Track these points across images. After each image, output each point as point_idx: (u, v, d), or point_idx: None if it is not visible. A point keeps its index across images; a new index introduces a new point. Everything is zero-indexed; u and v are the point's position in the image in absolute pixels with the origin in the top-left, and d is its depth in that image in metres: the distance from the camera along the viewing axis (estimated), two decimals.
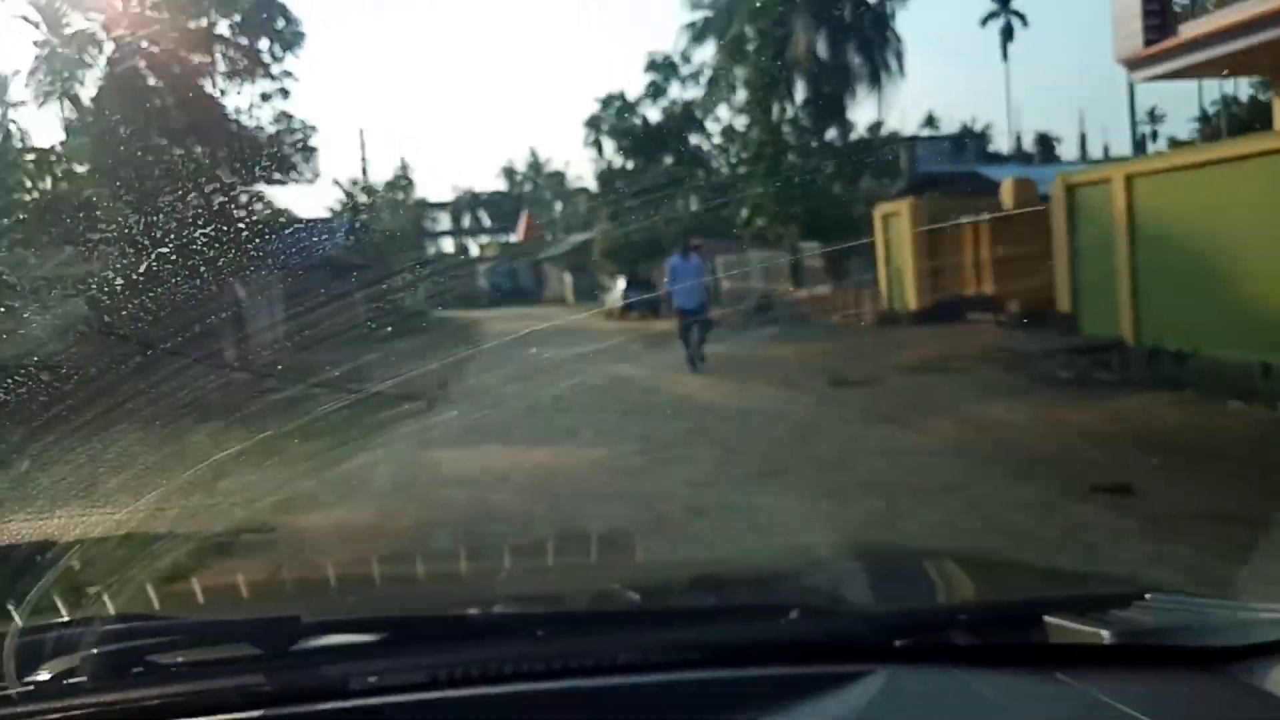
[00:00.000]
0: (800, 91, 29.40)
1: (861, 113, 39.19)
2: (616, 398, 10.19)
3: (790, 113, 29.04)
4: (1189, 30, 17.42)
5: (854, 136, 31.04)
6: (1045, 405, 8.45)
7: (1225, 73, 20.26)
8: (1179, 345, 10.60)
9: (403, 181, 61.52)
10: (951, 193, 22.74)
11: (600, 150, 43.54)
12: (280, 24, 32.81)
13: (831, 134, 30.58)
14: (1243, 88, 33.60)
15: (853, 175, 30.06)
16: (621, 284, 32.79)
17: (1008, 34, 40.97)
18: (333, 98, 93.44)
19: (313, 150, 37.16)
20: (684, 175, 36.85)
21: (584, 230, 50.00)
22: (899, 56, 28.86)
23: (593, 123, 42.62)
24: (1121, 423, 7.39)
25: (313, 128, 36.68)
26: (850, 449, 6.78)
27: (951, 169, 29.26)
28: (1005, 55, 44.64)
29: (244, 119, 34.31)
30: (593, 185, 47.98)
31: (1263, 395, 8.57)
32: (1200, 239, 10.68)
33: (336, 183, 43.52)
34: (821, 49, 28.91)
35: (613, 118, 40.78)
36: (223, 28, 31.84)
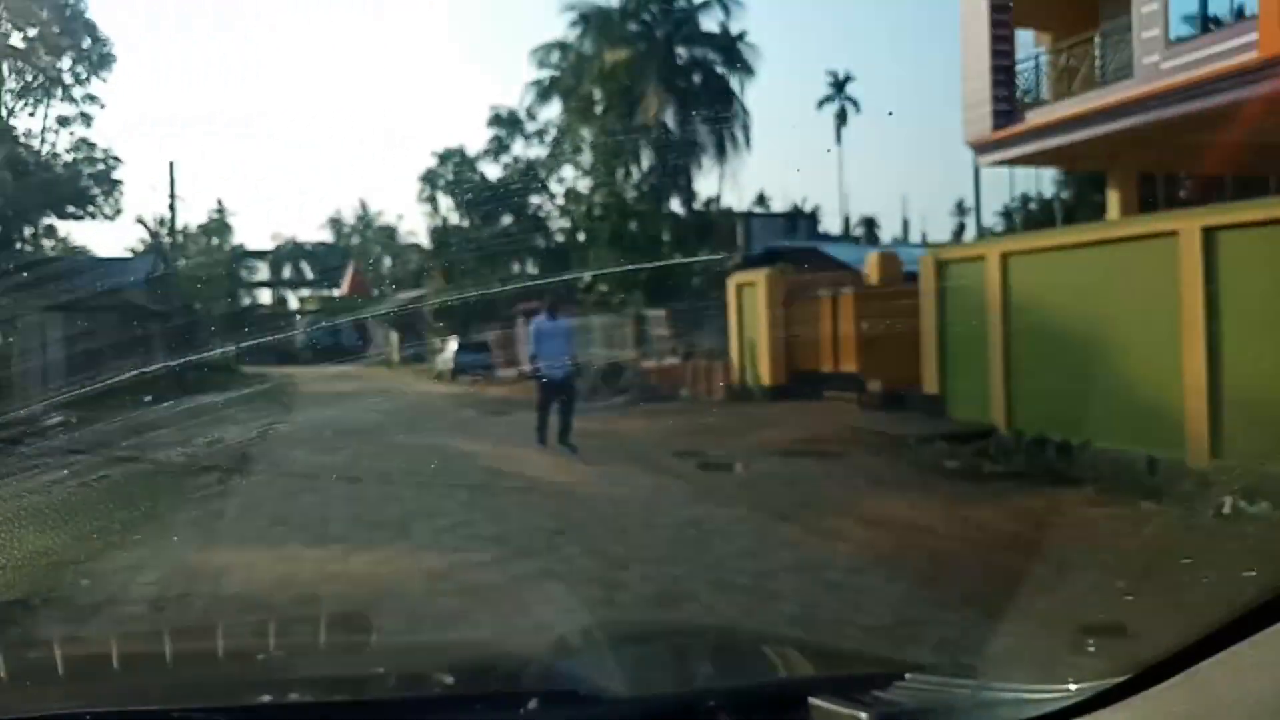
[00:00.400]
0: (646, 157, 28.89)
1: (705, 183, 39.63)
2: (457, 480, 8.64)
3: (636, 177, 28.42)
4: (1035, 118, 17.84)
5: (697, 206, 30.74)
6: (947, 502, 7.52)
7: (1058, 168, 21.02)
8: (1055, 434, 10.06)
9: (217, 225, 57.69)
10: (794, 267, 22.38)
11: (435, 206, 41.84)
12: (86, 43, 29.72)
13: (675, 202, 30.16)
14: (1046, 184, 35.51)
15: (695, 245, 29.67)
16: (453, 346, 31.06)
17: (841, 118, 42.37)
18: (145, 129, 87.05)
19: (115, 183, 33.79)
20: (523, 236, 35.67)
21: (414, 288, 47.90)
22: (745, 129, 28.86)
23: (429, 177, 40.96)
24: (1048, 529, 6.50)
25: (116, 159, 33.27)
26: (761, 564, 5.48)
27: (792, 244, 29.30)
28: (839, 139, 46.17)
29: (34, 143, 30.70)
30: (426, 241, 46.04)
31: (1167, 494, 7.95)
32: (1080, 323, 10.22)
33: (141, 221, 39.87)
34: (670, 117, 28.55)
35: (450, 173, 39.28)
36: (16, 40, 28.51)
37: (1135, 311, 9.65)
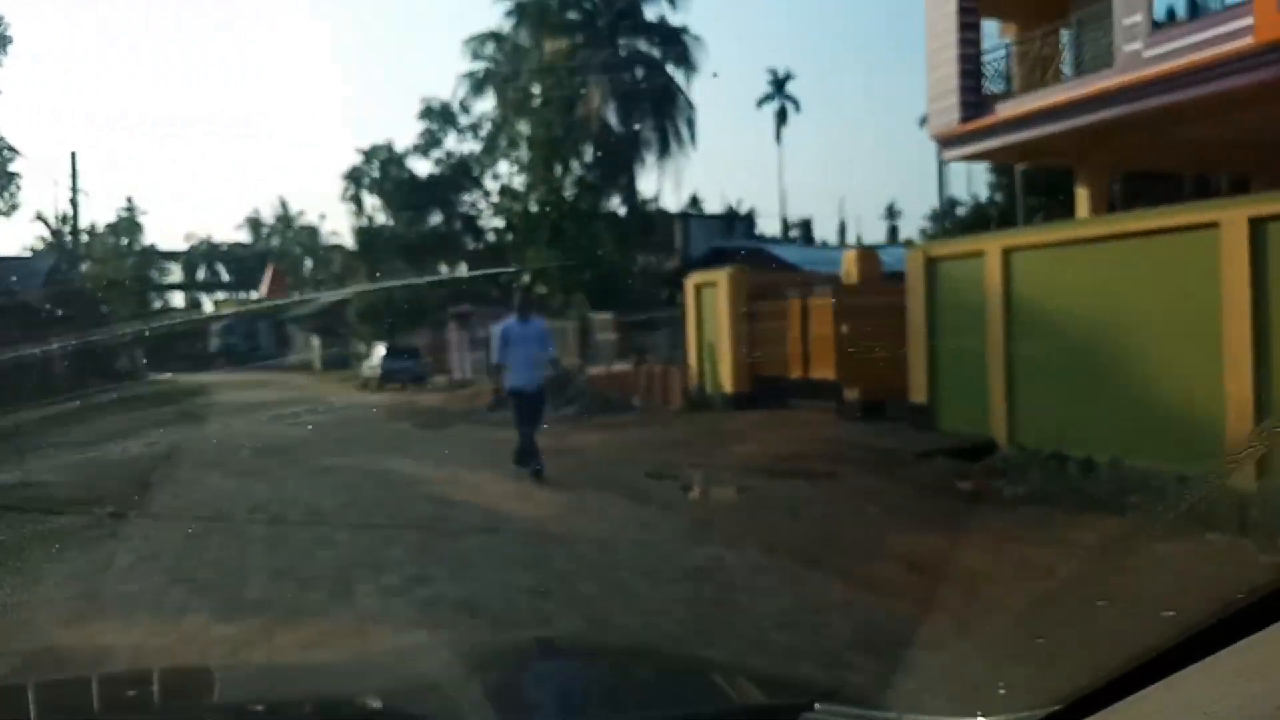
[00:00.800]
0: (587, 153, 27.54)
1: (647, 181, 38.20)
2: (402, 515, 7.23)
3: (576, 174, 27.07)
4: (1006, 110, 17.00)
5: (639, 205, 29.49)
6: (990, 537, 6.35)
7: (1021, 165, 20.30)
8: (1068, 449, 9.04)
9: (127, 224, 54.71)
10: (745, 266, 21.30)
11: (360, 204, 39.88)
12: None
13: (617, 200, 28.87)
14: (981, 186, 35.17)
15: (637, 246, 28.43)
16: (380, 351, 29.34)
17: (781, 117, 41.62)
18: (50, 120, 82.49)
19: (12, 176, 31.22)
20: (455, 235, 34.01)
21: (338, 290, 45.77)
22: (690, 125, 27.69)
23: (354, 175, 38.98)
24: (1133, 574, 5.36)
25: (13, 150, 30.85)
26: (821, 639, 4.17)
27: (737, 244, 28.25)
28: (779, 139, 45.43)
29: None
30: (350, 242, 43.99)
31: (1225, 522, 6.91)
32: (1098, 325, 9.22)
33: (41, 218, 37.17)
34: (611, 111, 27.25)
35: (377, 170, 37.38)
36: None
37: (1165, 313, 8.68)
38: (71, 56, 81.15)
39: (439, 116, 30.50)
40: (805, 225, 53.04)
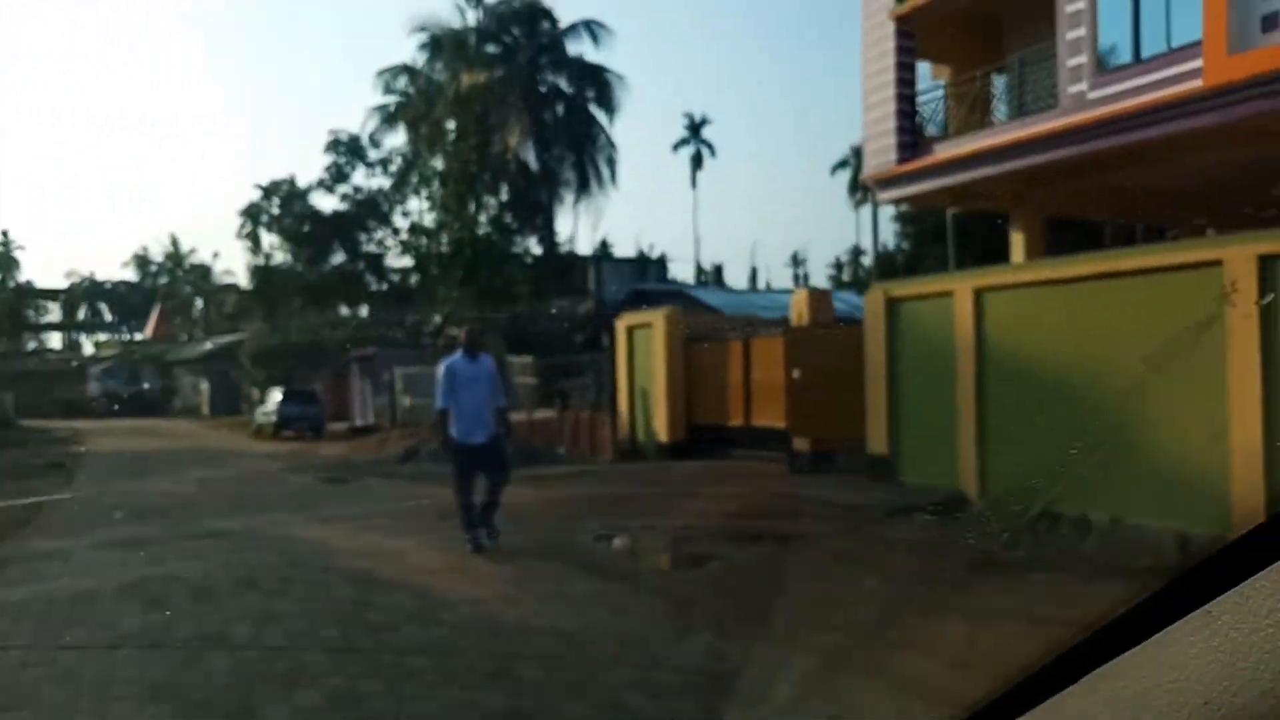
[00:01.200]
0: (503, 191, 26.47)
1: (565, 222, 36.94)
2: (315, 600, 5.91)
3: (493, 212, 25.96)
4: (944, 151, 16.62)
5: (556, 246, 28.50)
6: (1025, 620, 5.42)
7: (953, 209, 20.04)
8: (1050, 504, 8.26)
9: (1, 258, 51.33)
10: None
11: (257, 242, 37.90)
12: None
13: (533, 241, 27.82)
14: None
15: (553, 288, 27.40)
16: (276, 396, 27.49)
17: (697, 161, 41.28)
18: None
19: None
20: (359, 274, 32.42)
21: (230, 332, 43.39)
22: (611, 165, 26.87)
23: (251, 211, 37.03)
24: None
25: None
26: None
27: (661, 287, 27.46)
28: (694, 183, 45.12)
29: None
30: (245, 281, 41.82)
31: None
32: (1082, 371, 8.51)
33: None
34: (529, 149, 26.27)
35: (277, 206, 35.56)
36: None
37: (1160, 358, 8.03)
38: None
39: (347, 149, 29.03)
40: (718, 270, 52.84)
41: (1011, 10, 15.86)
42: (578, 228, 35.63)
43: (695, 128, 40.19)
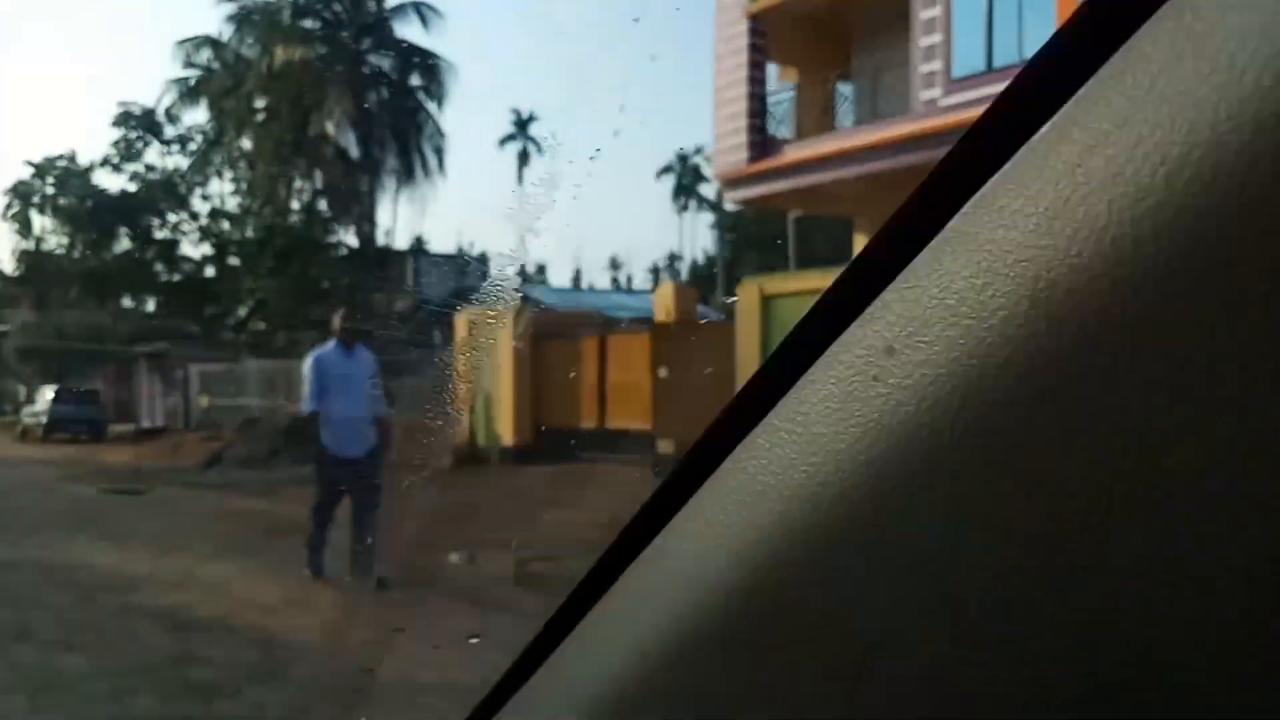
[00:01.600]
0: (319, 177, 24.58)
1: (386, 213, 34.75)
2: (125, 661, 4.50)
3: (305, 199, 24.03)
4: (793, 153, 16.44)
5: (375, 236, 26.79)
6: None
7: (795, 212, 20.03)
8: None
9: None
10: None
11: (27, 225, 33.95)
12: None
13: (351, 231, 26.00)
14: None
15: (372, 281, 25.74)
16: (48, 395, 24.66)
17: (524, 159, 40.29)
18: None
19: None
20: (149, 262, 29.42)
21: None
22: (439, 155, 25.46)
23: (20, 190, 33.11)
24: None
25: None
26: None
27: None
28: (520, 179, 43.93)
29: None
30: (11, 267, 37.38)
31: None
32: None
33: None
34: (349, 134, 24.51)
35: (51, 185, 31.90)
36: None
37: None
38: None
39: (140, 125, 26.22)
40: (541, 269, 51.90)
41: (862, 15, 15.90)
42: (397, 220, 33.80)
43: (522, 124, 39.29)
